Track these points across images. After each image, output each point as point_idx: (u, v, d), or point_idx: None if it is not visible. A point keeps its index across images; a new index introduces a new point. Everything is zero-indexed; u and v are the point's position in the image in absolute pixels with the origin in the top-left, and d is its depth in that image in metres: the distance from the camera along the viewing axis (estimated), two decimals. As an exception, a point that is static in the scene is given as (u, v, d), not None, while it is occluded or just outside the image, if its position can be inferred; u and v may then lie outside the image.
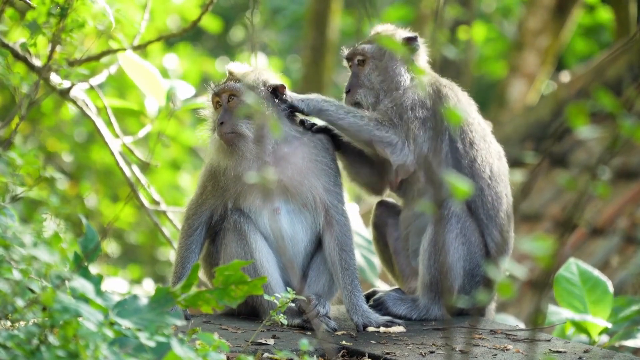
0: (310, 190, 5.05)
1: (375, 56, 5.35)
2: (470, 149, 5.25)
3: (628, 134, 3.00)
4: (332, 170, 5.10)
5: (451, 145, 5.25)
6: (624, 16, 13.06)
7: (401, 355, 4.56)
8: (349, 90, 5.35)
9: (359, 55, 5.38)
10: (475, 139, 5.27)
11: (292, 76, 16.76)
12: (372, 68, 5.34)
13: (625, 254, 9.10)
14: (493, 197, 5.28)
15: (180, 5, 12.11)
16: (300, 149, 5.05)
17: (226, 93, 5.01)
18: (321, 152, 5.09)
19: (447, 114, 3.32)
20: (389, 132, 5.15)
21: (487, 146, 5.33)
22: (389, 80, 5.29)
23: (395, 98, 5.22)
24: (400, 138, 5.14)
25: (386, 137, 5.14)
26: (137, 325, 3.44)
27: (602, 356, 4.67)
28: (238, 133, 4.94)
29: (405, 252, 5.47)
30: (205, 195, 5.11)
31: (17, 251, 3.55)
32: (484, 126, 5.40)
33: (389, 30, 5.45)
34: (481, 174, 5.26)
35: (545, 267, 3.04)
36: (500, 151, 5.43)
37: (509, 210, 5.36)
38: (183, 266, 5.06)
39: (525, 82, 13.53)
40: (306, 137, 5.10)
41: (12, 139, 4.71)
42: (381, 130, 5.14)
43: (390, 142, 5.15)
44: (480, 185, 5.25)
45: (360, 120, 5.15)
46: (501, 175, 5.35)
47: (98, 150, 12.19)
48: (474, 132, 5.29)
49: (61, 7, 4.98)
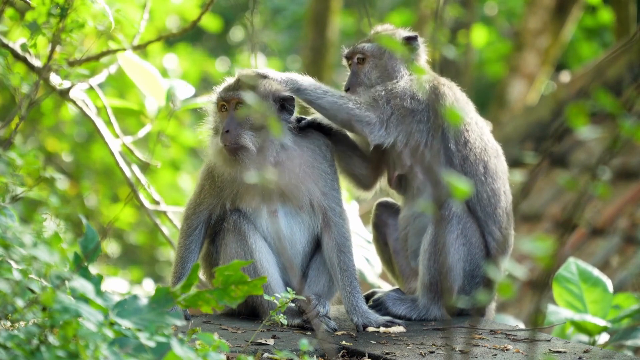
0: (307, 194, 5.06)
1: (375, 55, 5.36)
2: (464, 148, 5.25)
3: (628, 134, 3.01)
4: (329, 175, 5.10)
5: (444, 143, 5.25)
6: (624, 16, 13.06)
7: (401, 355, 4.56)
8: (348, 88, 5.35)
9: (359, 53, 5.39)
10: (470, 138, 5.27)
11: (292, 76, 16.73)
12: (371, 67, 5.35)
13: (625, 254, 9.10)
14: (489, 194, 5.28)
15: (180, 5, 12.11)
16: (299, 157, 5.05)
17: (235, 100, 4.99)
18: (319, 159, 5.10)
19: (445, 113, 3.32)
20: (368, 112, 5.14)
21: (484, 145, 5.32)
22: (387, 78, 5.30)
23: (387, 85, 5.24)
24: (379, 119, 5.14)
25: (365, 117, 5.14)
26: (137, 326, 3.44)
27: (602, 356, 4.67)
28: (242, 145, 4.92)
29: (405, 252, 5.47)
30: (203, 194, 5.11)
31: (17, 251, 3.55)
32: (481, 125, 5.40)
33: (389, 30, 5.45)
34: (473, 171, 5.26)
35: (545, 267, 3.04)
36: (498, 149, 5.43)
37: (508, 207, 5.35)
38: (182, 266, 5.06)
39: (525, 82, 13.53)
40: (304, 144, 5.09)
41: (12, 139, 4.71)
42: (361, 110, 5.14)
43: (369, 121, 5.14)
44: (473, 181, 5.25)
45: (339, 99, 5.14)
46: (498, 172, 5.34)
47: (98, 150, 12.20)
48: (470, 131, 5.29)
49: (61, 7, 4.98)
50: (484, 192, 5.26)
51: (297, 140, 5.07)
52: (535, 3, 13.42)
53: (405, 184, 5.35)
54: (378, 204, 5.59)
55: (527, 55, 13.45)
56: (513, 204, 5.42)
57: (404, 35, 5.42)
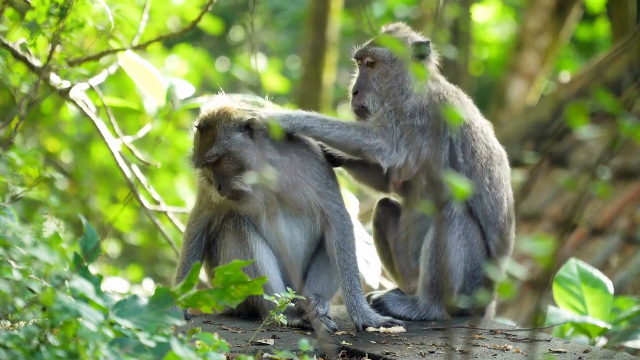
0: (304, 196, 5.06)
1: (386, 61, 5.27)
2: (471, 159, 5.25)
3: (628, 134, 3.00)
4: (322, 173, 5.09)
5: (451, 155, 5.24)
6: (624, 16, 13.06)
7: (401, 355, 4.56)
8: (357, 91, 5.30)
9: (369, 56, 5.30)
10: (477, 148, 5.27)
11: (292, 76, 16.77)
12: (381, 72, 5.28)
13: (625, 254, 9.10)
14: (492, 204, 5.28)
15: (180, 5, 12.11)
16: (288, 165, 5.04)
17: (209, 162, 4.97)
18: (309, 160, 5.09)
19: (448, 116, 3.32)
20: (377, 139, 5.13)
21: (489, 153, 5.32)
22: (396, 87, 5.24)
23: (397, 102, 5.19)
24: (389, 143, 5.13)
25: (375, 145, 5.13)
26: (137, 326, 3.44)
27: (601, 356, 4.67)
28: (237, 191, 4.95)
29: (406, 252, 5.47)
30: (202, 206, 5.16)
31: (17, 251, 3.55)
32: (486, 131, 5.38)
33: (401, 32, 5.37)
34: (480, 181, 5.26)
35: (545, 267, 3.04)
36: (503, 154, 5.42)
37: (509, 213, 5.36)
38: (184, 271, 5.09)
39: (525, 82, 13.53)
40: (292, 148, 5.08)
41: (12, 139, 4.71)
42: (369, 138, 5.13)
43: (380, 148, 5.13)
44: (479, 193, 5.25)
45: (346, 131, 5.13)
46: (502, 180, 5.34)
47: (98, 150, 12.19)
48: (476, 140, 5.28)
49: (61, 7, 4.98)
50: (487, 202, 5.27)
51: (282, 149, 5.05)
52: (535, 3, 13.42)
53: (408, 187, 5.35)
54: (379, 202, 5.59)
55: (527, 55, 13.45)
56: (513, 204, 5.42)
57: (415, 40, 5.34)
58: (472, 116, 5.34)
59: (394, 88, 5.23)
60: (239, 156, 4.93)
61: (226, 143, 4.93)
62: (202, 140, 4.97)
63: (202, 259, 5.16)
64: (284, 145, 5.05)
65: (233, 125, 4.96)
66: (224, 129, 4.96)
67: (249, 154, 4.94)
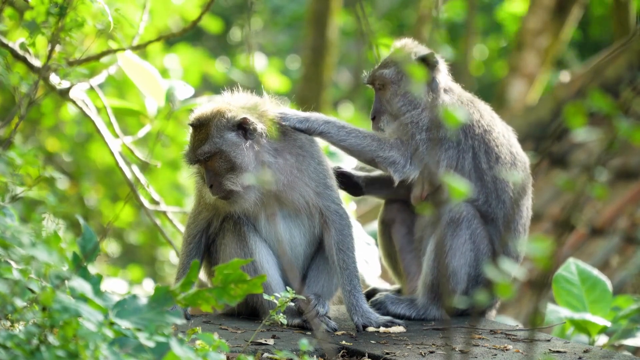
0: (302, 197, 5.06)
1: (394, 81, 5.32)
2: (496, 164, 5.27)
3: (625, 135, 3.01)
4: (320, 173, 5.09)
5: (474, 162, 5.26)
6: (624, 16, 13.06)
7: (401, 355, 4.56)
8: (374, 117, 5.35)
9: (378, 80, 5.36)
10: (501, 153, 5.30)
11: (292, 76, 16.76)
12: (392, 93, 5.32)
13: (625, 254, 9.10)
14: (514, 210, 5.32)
15: (180, 5, 12.11)
16: (283, 165, 5.04)
17: (201, 158, 4.98)
18: (305, 160, 5.08)
19: (447, 119, 3.31)
20: (391, 152, 5.17)
21: (513, 159, 5.35)
22: (407, 103, 5.29)
23: (413, 116, 5.24)
24: (404, 156, 5.17)
25: (389, 157, 5.18)
26: (136, 325, 3.45)
27: (601, 356, 4.67)
28: (229, 191, 4.95)
29: (417, 252, 5.47)
30: (200, 207, 5.16)
31: (16, 251, 3.55)
32: (508, 137, 5.40)
33: (407, 48, 5.37)
34: (505, 188, 5.29)
35: (544, 267, 3.04)
36: (526, 162, 5.45)
37: (527, 222, 5.42)
38: (184, 272, 5.10)
39: (525, 82, 13.52)
40: (287, 149, 5.08)
41: (12, 139, 4.71)
42: (384, 150, 5.17)
43: (393, 161, 5.18)
44: (503, 199, 5.27)
45: (362, 140, 5.18)
46: (525, 188, 5.39)
47: (98, 150, 12.20)
48: (499, 146, 5.31)
49: (60, 6, 4.98)
50: (510, 208, 5.30)
51: (278, 150, 5.05)
52: (535, 3, 13.42)
53: (431, 198, 5.35)
54: (388, 200, 5.60)
55: (527, 55, 13.44)
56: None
57: (420, 54, 5.34)
58: (492, 122, 5.36)
59: (405, 105, 5.28)
60: (231, 155, 4.93)
61: (218, 141, 4.94)
62: (195, 138, 5.01)
63: (201, 259, 5.17)
64: (279, 146, 5.06)
65: (226, 124, 4.97)
66: (217, 127, 4.97)
67: (242, 154, 4.95)
